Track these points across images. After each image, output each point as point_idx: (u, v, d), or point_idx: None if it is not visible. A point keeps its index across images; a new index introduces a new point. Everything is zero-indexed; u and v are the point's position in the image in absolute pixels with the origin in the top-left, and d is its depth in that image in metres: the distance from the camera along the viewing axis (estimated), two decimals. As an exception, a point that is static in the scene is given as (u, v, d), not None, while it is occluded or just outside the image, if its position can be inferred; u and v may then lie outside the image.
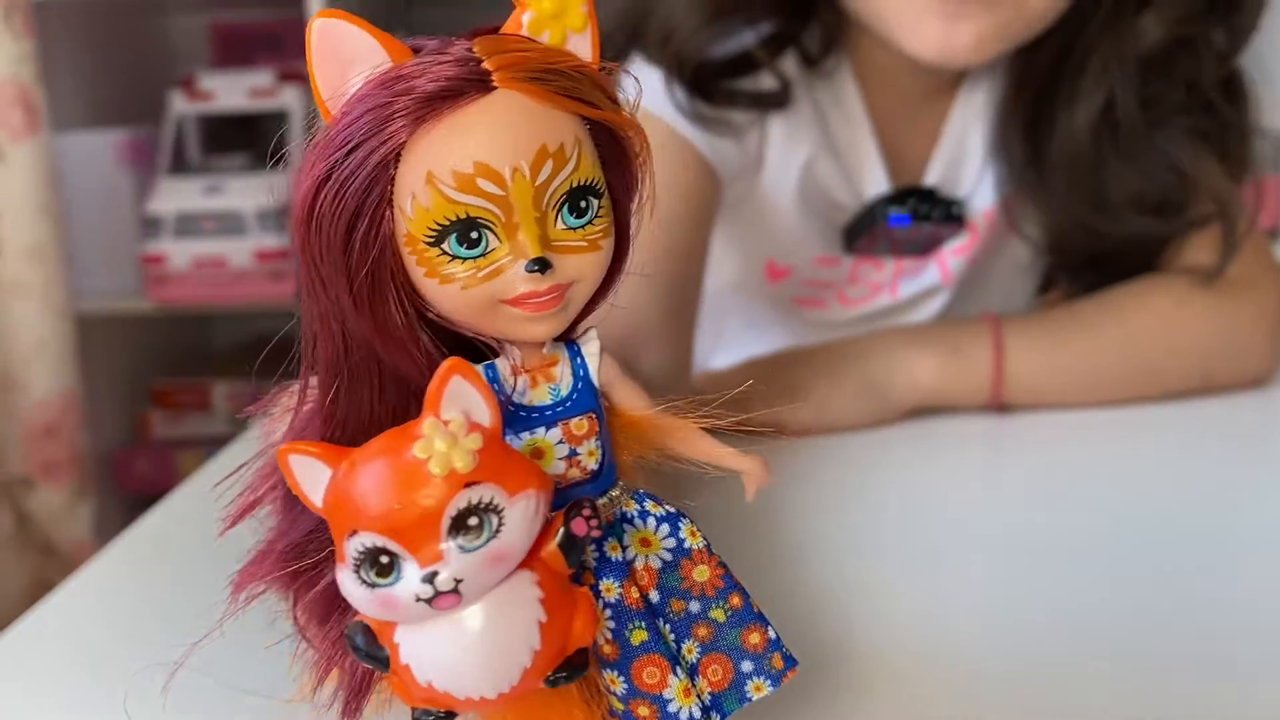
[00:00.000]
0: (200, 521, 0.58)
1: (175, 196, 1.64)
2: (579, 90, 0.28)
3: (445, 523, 0.25)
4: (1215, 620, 0.45)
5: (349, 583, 0.26)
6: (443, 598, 0.25)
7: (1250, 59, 0.76)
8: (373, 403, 0.29)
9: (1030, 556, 0.52)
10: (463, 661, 0.26)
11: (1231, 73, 0.75)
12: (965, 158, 0.80)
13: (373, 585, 0.25)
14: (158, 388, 1.87)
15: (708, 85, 0.72)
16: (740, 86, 0.73)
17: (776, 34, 0.73)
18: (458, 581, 0.25)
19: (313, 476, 0.26)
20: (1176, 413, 0.71)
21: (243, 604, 0.31)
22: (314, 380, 0.31)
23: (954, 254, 0.81)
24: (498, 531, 0.25)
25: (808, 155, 0.77)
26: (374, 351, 0.29)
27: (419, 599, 0.25)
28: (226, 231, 1.62)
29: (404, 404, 0.28)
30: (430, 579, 0.25)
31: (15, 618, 0.47)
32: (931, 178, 0.80)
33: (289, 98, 1.69)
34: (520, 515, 0.26)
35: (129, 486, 1.78)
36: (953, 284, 0.82)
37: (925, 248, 0.80)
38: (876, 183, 0.78)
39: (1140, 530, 0.54)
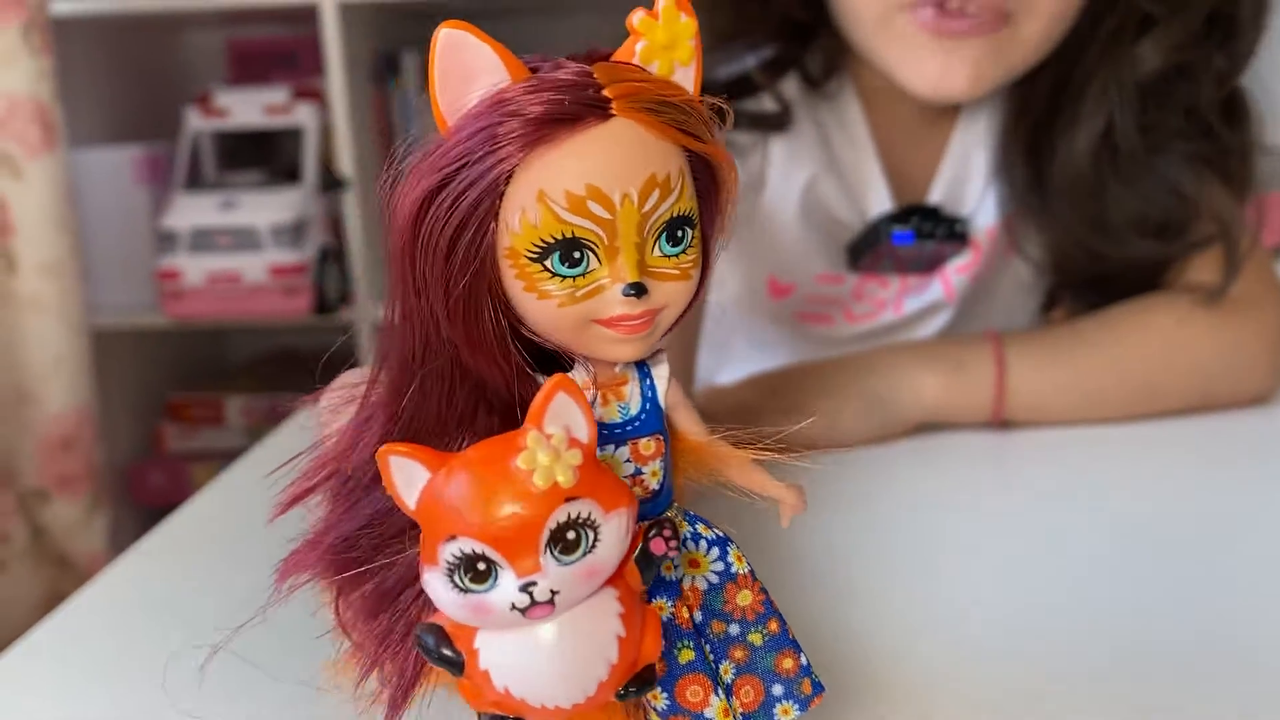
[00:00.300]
0: (214, 530, 0.60)
1: (190, 212, 1.66)
2: (688, 124, 0.29)
3: (545, 535, 0.26)
4: (1217, 634, 0.46)
5: (439, 586, 0.26)
6: (538, 608, 0.26)
7: (1252, 77, 0.77)
8: (440, 406, 0.30)
9: (1035, 571, 0.53)
10: (545, 671, 0.26)
11: (1231, 94, 0.76)
12: (968, 177, 0.81)
13: (466, 590, 0.26)
14: (172, 401, 1.89)
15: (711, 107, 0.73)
16: (742, 108, 0.74)
17: (776, 58, 0.75)
18: (554, 593, 0.26)
19: (409, 478, 0.27)
20: (1179, 429, 0.71)
21: (286, 592, 0.32)
22: (383, 376, 0.31)
23: (957, 272, 0.81)
24: (594, 547, 0.26)
25: (810, 175, 0.78)
26: (452, 357, 0.30)
27: (514, 607, 0.26)
28: (241, 247, 1.64)
29: (472, 410, 0.29)
30: (528, 589, 0.26)
31: (30, 629, 0.48)
32: (935, 197, 0.81)
33: (303, 114, 1.71)
34: (614, 532, 0.26)
35: (143, 499, 1.80)
36: (956, 301, 0.83)
37: (929, 265, 0.81)
38: (880, 202, 0.79)
39: (1143, 545, 0.55)
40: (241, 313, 1.65)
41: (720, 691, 0.31)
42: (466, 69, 0.28)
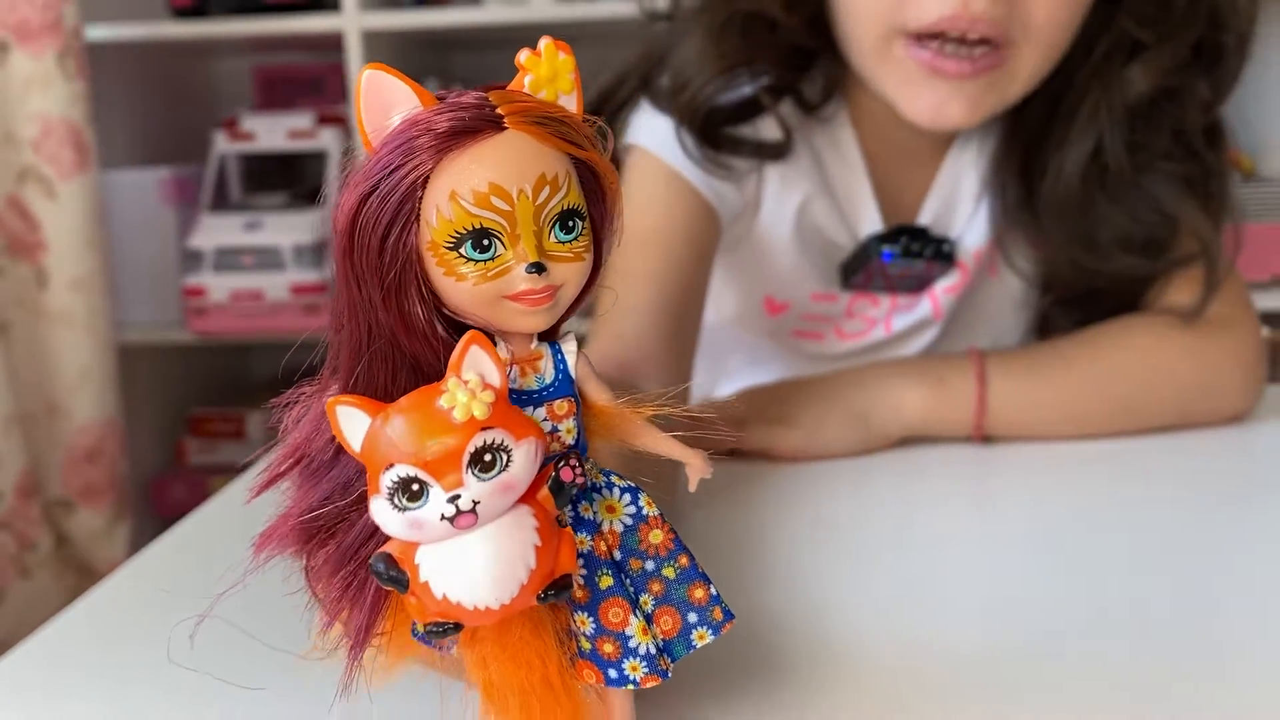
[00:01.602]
0: (222, 534, 0.63)
1: (216, 232, 1.70)
2: (570, 135, 0.35)
3: (465, 458, 0.31)
4: (1192, 643, 0.47)
5: (383, 509, 0.31)
6: (462, 517, 0.31)
7: (1252, 115, 0.80)
8: (388, 385, 0.35)
9: (1009, 581, 0.55)
10: (474, 573, 0.31)
11: (1213, 121, 0.79)
12: (958, 200, 0.84)
13: (404, 509, 0.31)
14: (195, 416, 1.93)
15: (714, 133, 0.77)
16: (744, 135, 0.78)
17: (775, 84, 0.78)
18: (475, 503, 0.31)
19: (354, 425, 0.32)
20: (1156, 446, 0.73)
21: (263, 561, 0.36)
22: (338, 370, 0.36)
23: (945, 291, 0.84)
24: (507, 466, 0.31)
25: (803, 197, 0.81)
26: (393, 340, 0.35)
27: (443, 517, 0.31)
28: (264, 266, 1.68)
29: (414, 386, 0.34)
30: (454, 500, 0.31)
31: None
32: (924, 218, 0.84)
33: (327, 139, 1.76)
34: (524, 455, 0.32)
35: (164, 511, 1.83)
36: (943, 319, 0.86)
37: (918, 285, 0.84)
38: (871, 223, 0.82)
39: (1118, 558, 0.57)
40: (263, 330, 1.69)
41: (638, 613, 0.36)
42: (386, 100, 0.34)
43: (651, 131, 0.78)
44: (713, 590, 0.37)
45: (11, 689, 0.46)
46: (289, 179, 1.86)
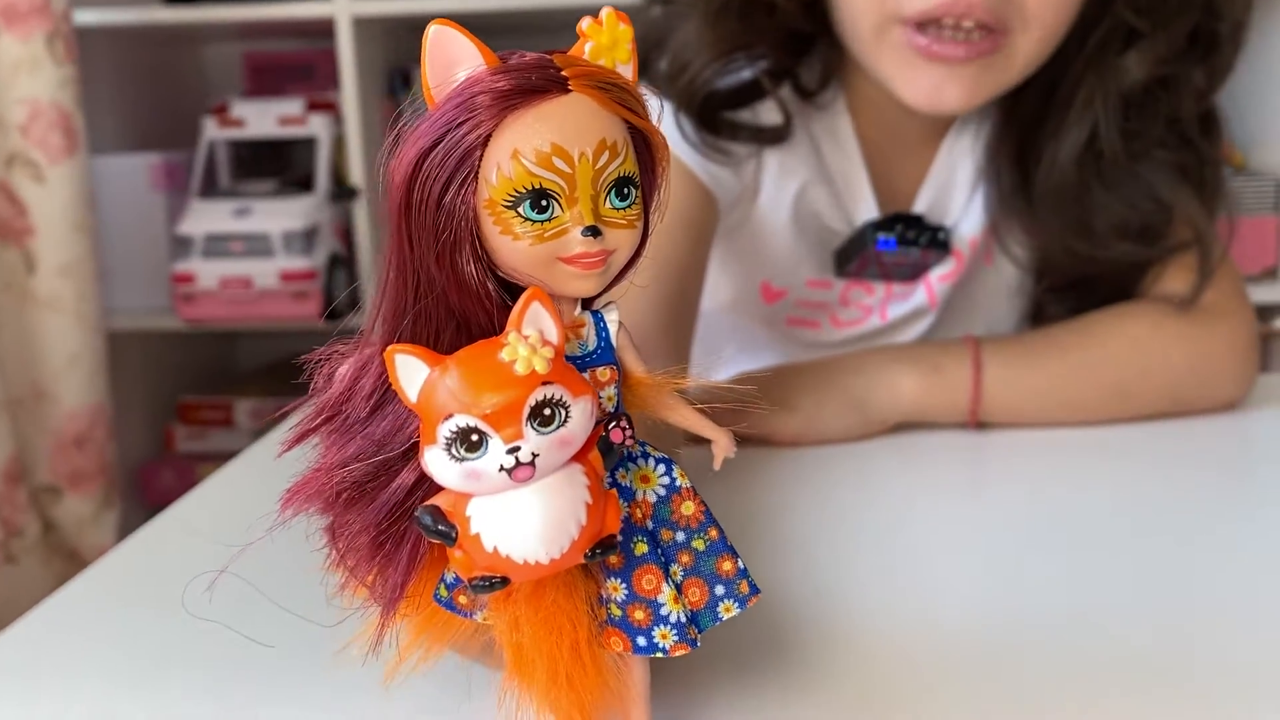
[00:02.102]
0: (213, 520, 0.63)
1: (205, 218, 1.69)
2: (629, 102, 0.35)
3: (526, 410, 0.31)
4: (1181, 625, 0.48)
5: (439, 460, 0.31)
6: (521, 469, 0.31)
7: (1245, 109, 0.80)
8: (431, 344, 0.35)
9: (1005, 562, 0.55)
10: (527, 527, 0.31)
11: (1208, 110, 0.79)
12: (953, 188, 0.84)
13: (462, 459, 0.31)
14: (183, 403, 1.92)
15: (713, 118, 0.77)
16: (743, 120, 0.78)
17: (773, 69, 0.78)
18: (535, 456, 0.31)
19: (412, 374, 0.32)
20: (1150, 433, 0.74)
21: (289, 517, 0.36)
22: (378, 325, 0.36)
23: (940, 279, 0.84)
24: (565, 421, 0.32)
25: (801, 183, 0.81)
26: (441, 298, 0.35)
27: (502, 468, 0.31)
28: (253, 253, 1.68)
29: (457, 346, 0.33)
30: (513, 452, 0.31)
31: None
32: (919, 206, 0.84)
33: (317, 125, 1.75)
34: (581, 412, 0.32)
35: (152, 498, 1.83)
36: (938, 307, 0.86)
37: (913, 273, 0.84)
38: (868, 211, 0.83)
39: (1112, 542, 0.57)
40: (253, 317, 1.69)
41: (670, 583, 0.36)
42: (450, 56, 0.34)
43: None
44: (740, 564, 0.37)
45: (-1, 673, 0.46)
46: (279, 166, 1.85)
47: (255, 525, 0.36)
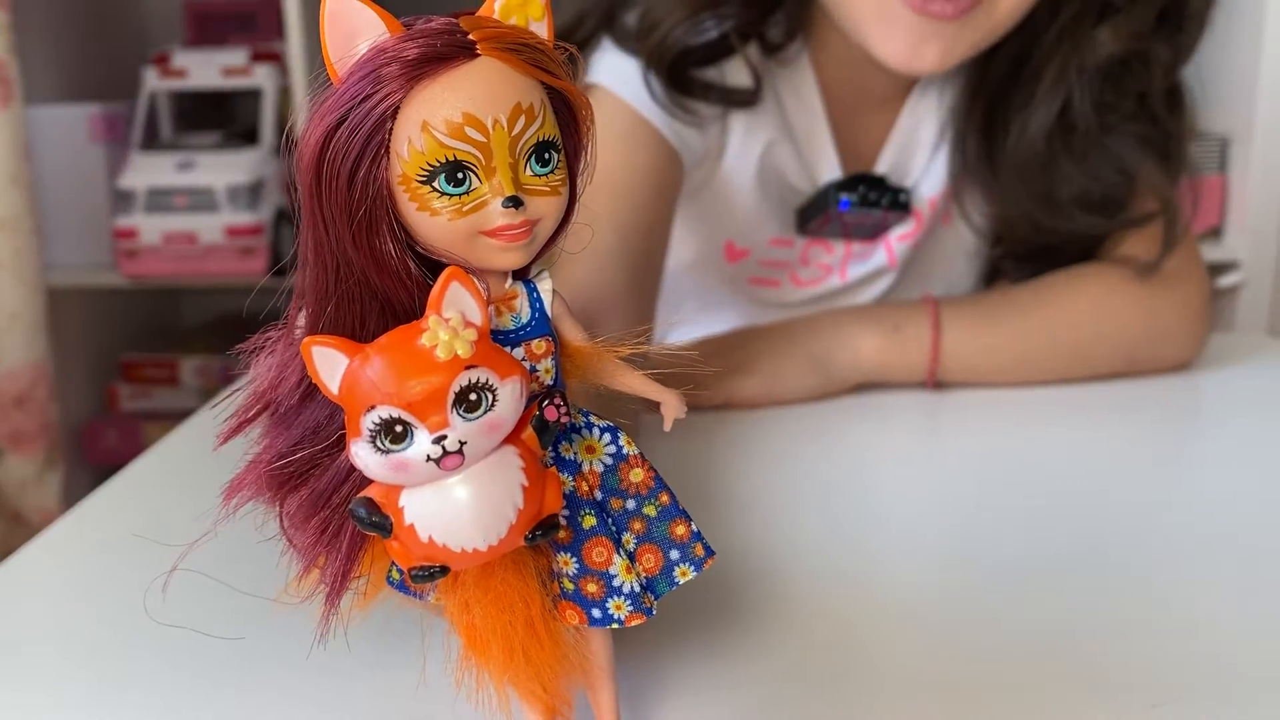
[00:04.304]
0: (162, 485, 0.62)
1: (147, 172, 1.65)
2: (543, 62, 0.33)
3: (450, 397, 0.30)
4: (1141, 574, 0.50)
5: (365, 452, 0.30)
6: (449, 458, 0.30)
7: (1191, 70, 0.81)
8: (356, 327, 0.34)
9: (962, 518, 0.56)
10: (461, 515, 0.30)
11: (1174, 84, 0.80)
12: (915, 149, 0.84)
13: (387, 452, 0.30)
14: (127, 361, 1.88)
15: (683, 77, 0.76)
16: (712, 80, 0.77)
17: (740, 27, 0.77)
18: (462, 444, 0.30)
19: (331, 367, 0.31)
20: (1104, 392, 0.75)
21: (233, 509, 0.35)
22: (303, 313, 0.35)
23: (899, 240, 0.85)
24: (493, 405, 0.30)
25: (766, 142, 0.80)
26: (362, 281, 0.33)
27: (429, 459, 0.30)
28: (197, 208, 1.64)
29: (383, 329, 0.32)
30: (439, 441, 0.30)
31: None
32: (881, 167, 0.84)
33: (261, 77, 1.71)
34: (509, 394, 0.31)
35: (96, 458, 1.80)
36: (898, 268, 0.86)
37: (874, 233, 0.84)
38: (830, 170, 0.82)
39: (1066, 498, 0.58)
40: (197, 273, 1.65)
41: (622, 552, 0.36)
42: (351, 27, 0.32)
43: (614, 72, 0.76)
44: (694, 527, 0.37)
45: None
46: (222, 118, 1.80)
47: (205, 510, 0.35)
